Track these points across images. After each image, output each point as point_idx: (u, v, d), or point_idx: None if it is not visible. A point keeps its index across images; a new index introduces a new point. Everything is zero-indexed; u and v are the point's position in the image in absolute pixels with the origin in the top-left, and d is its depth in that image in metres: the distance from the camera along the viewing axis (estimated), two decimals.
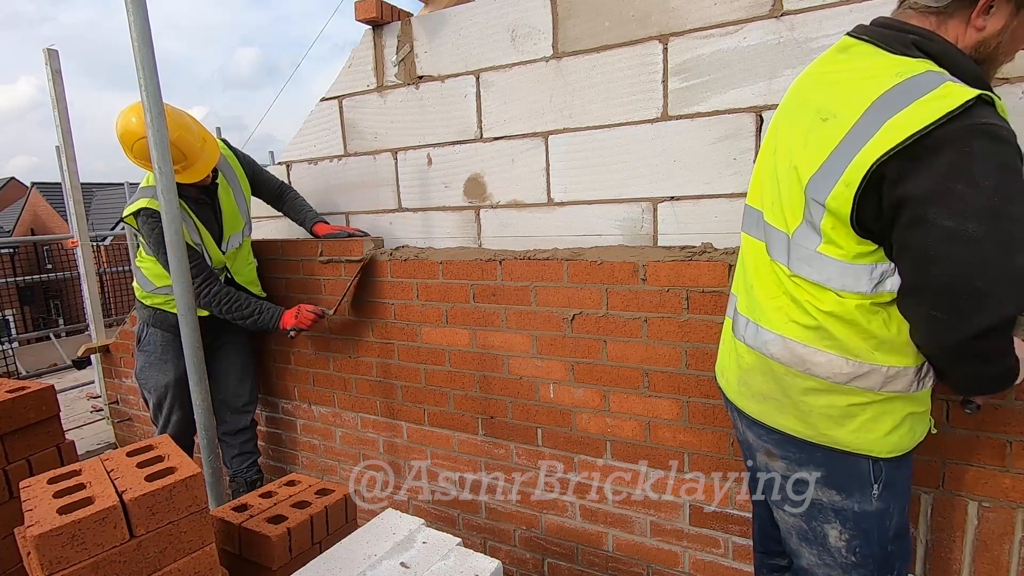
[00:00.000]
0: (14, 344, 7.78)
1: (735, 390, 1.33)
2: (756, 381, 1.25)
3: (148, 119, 1.72)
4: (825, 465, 1.17)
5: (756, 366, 1.24)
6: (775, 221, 1.18)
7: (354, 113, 2.50)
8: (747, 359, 1.27)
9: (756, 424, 1.27)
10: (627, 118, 1.91)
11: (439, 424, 2.40)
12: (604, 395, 1.99)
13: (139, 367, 2.54)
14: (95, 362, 3.98)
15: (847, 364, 1.10)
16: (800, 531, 1.26)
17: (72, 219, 3.89)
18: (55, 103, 3.47)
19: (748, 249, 1.30)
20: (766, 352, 1.20)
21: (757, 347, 1.23)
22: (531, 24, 2.02)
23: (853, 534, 1.18)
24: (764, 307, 1.20)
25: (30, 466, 1.62)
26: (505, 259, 2.10)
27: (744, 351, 1.27)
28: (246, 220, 2.51)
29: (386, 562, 1.35)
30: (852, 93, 1.04)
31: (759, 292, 1.22)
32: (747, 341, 1.26)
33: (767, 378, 1.22)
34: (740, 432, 1.37)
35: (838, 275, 1.07)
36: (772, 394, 1.22)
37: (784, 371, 1.18)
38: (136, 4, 1.64)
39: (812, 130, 1.08)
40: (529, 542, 2.27)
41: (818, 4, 1.59)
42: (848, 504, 1.17)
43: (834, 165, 1.02)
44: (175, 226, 1.81)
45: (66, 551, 1.02)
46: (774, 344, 1.18)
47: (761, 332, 1.21)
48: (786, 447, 1.22)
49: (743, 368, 1.28)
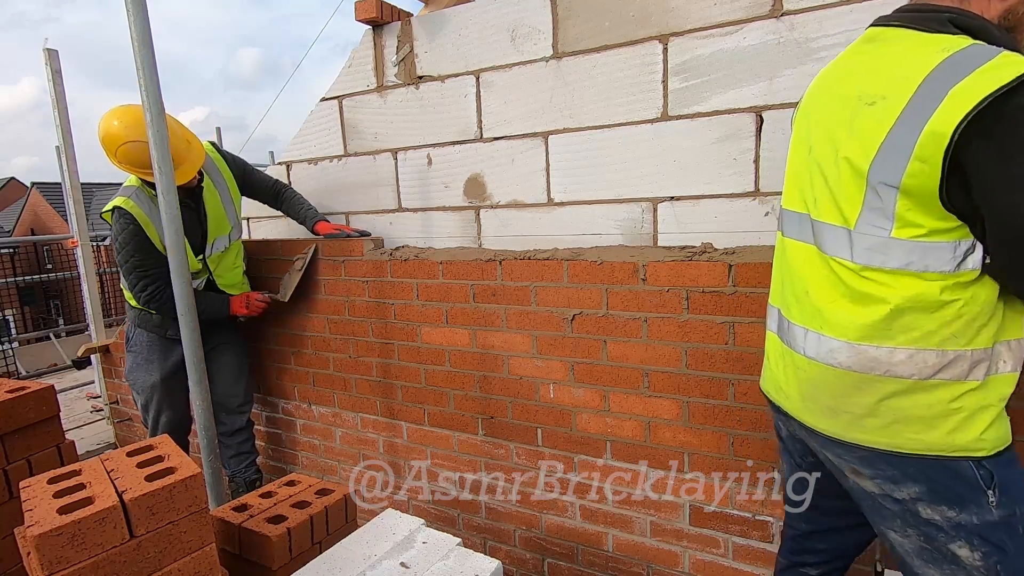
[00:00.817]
0: (14, 344, 7.77)
1: (799, 407, 1.22)
2: (824, 395, 1.14)
3: (148, 119, 1.72)
4: (924, 479, 1.06)
5: (822, 378, 1.14)
6: (827, 217, 1.11)
7: (354, 113, 2.50)
8: (810, 372, 1.17)
9: (833, 443, 1.16)
10: (627, 118, 1.91)
11: (439, 424, 2.40)
12: (604, 395, 1.99)
13: (128, 367, 2.55)
14: (95, 362, 3.98)
15: (932, 355, 1.02)
16: (922, 552, 1.12)
17: (72, 219, 3.89)
18: (55, 103, 3.47)
19: (796, 254, 1.22)
20: (833, 362, 1.11)
21: (821, 358, 1.13)
22: (531, 24, 2.02)
23: (986, 551, 1.04)
24: (825, 313, 1.12)
25: (30, 466, 1.62)
26: (505, 259, 2.10)
27: (805, 364, 1.18)
28: (234, 223, 2.50)
29: (386, 562, 1.35)
30: (897, 72, 1.00)
31: (817, 297, 1.14)
32: (807, 353, 1.16)
33: (837, 390, 1.12)
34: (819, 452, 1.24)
35: (919, 256, 1.00)
36: (845, 407, 1.12)
37: (858, 379, 1.08)
38: (136, 4, 1.64)
39: (857, 117, 1.04)
40: (529, 542, 2.27)
41: (818, 4, 1.59)
42: (966, 518, 1.04)
43: (896, 144, 0.98)
44: (175, 226, 1.81)
45: (66, 551, 1.02)
46: (841, 352, 1.09)
47: (824, 340, 1.12)
48: (874, 464, 1.11)
49: (806, 382, 1.18)
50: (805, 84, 1.63)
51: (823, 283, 1.13)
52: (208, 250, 2.42)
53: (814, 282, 1.15)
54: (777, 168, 1.71)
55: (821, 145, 1.13)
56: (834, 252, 1.10)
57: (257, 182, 2.60)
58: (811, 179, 1.16)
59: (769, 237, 1.75)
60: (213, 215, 2.41)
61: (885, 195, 1.01)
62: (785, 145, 1.69)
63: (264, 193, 2.62)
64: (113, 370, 3.82)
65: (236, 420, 2.63)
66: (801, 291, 1.19)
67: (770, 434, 1.74)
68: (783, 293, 1.27)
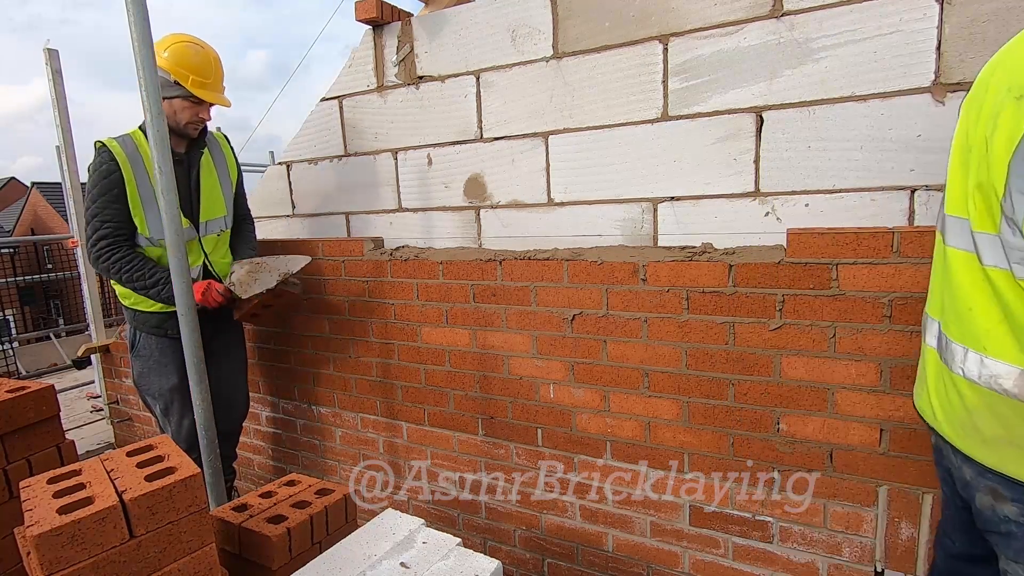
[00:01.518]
0: (14, 344, 7.78)
1: (957, 433, 1.12)
2: (988, 424, 1.04)
3: (148, 119, 1.72)
4: None
5: (986, 405, 1.03)
6: (984, 226, 1.01)
7: (354, 113, 2.50)
8: (972, 398, 1.06)
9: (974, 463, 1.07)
10: (627, 118, 1.91)
11: (439, 424, 2.40)
12: (604, 395, 1.99)
13: (137, 373, 2.42)
14: (95, 362, 3.98)
15: None
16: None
17: (72, 219, 3.89)
18: (55, 103, 3.48)
19: (955, 264, 1.10)
20: (998, 388, 1.00)
21: (984, 382, 1.02)
22: (531, 24, 2.02)
23: None
24: (991, 333, 1.01)
25: (30, 466, 1.62)
26: (505, 259, 2.10)
27: (966, 387, 1.07)
28: (229, 211, 2.42)
29: (386, 562, 1.35)
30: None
31: (980, 315, 1.03)
32: (968, 375, 1.05)
33: (1002, 420, 1.01)
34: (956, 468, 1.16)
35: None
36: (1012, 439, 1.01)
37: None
38: (136, 4, 1.64)
39: (1004, 111, 0.93)
40: (529, 542, 2.27)
41: (818, 4, 1.59)
42: None
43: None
44: (175, 226, 1.81)
45: (66, 551, 1.02)
46: (1008, 378, 0.98)
47: (988, 364, 1.01)
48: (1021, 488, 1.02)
49: (970, 409, 1.07)
50: (805, 84, 1.64)
51: (984, 299, 1.02)
52: (202, 229, 2.32)
53: (977, 298, 1.04)
54: (777, 168, 1.71)
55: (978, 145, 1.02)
56: (991, 262, 1.00)
57: (240, 194, 2.52)
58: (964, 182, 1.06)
59: (769, 238, 1.75)
60: (207, 189, 2.33)
61: (1019, 205, 0.91)
62: (785, 146, 1.69)
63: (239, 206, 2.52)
64: (113, 370, 3.82)
65: (231, 423, 2.55)
66: (964, 307, 1.07)
67: (770, 434, 1.74)
68: (943, 306, 1.14)
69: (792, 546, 1.77)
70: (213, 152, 2.38)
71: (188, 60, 2.12)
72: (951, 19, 1.45)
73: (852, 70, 1.57)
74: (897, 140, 1.55)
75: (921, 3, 1.48)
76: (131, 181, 2.13)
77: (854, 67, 1.57)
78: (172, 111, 2.16)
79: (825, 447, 1.68)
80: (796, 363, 1.68)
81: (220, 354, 2.48)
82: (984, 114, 0.99)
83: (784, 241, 1.68)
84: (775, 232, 1.73)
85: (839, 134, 1.62)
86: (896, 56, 1.52)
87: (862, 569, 1.69)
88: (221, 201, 2.39)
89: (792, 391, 1.69)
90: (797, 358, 1.67)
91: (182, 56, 2.12)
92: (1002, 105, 0.94)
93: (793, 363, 1.68)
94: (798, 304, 1.65)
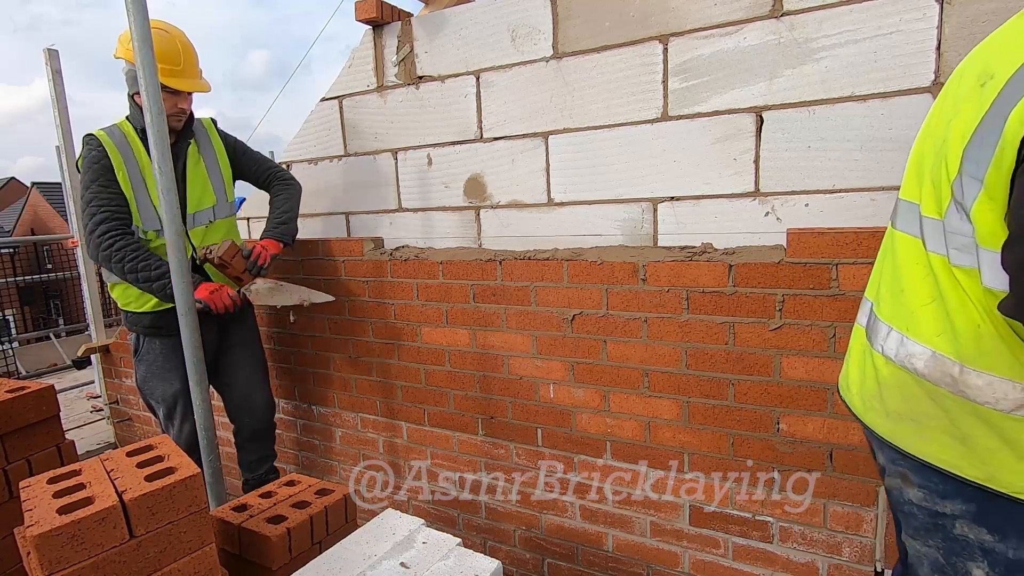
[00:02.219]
0: (14, 344, 7.78)
1: (862, 404, 1.17)
2: (893, 398, 1.08)
3: (148, 119, 1.72)
4: (977, 502, 1.00)
5: (896, 381, 1.07)
6: (929, 211, 1.01)
7: (354, 113, 2.50)
8: (885, 373, 1.10)
9: (888, 446, 1.11)
10: (627, 118, 1.91)
11: (439, 424, 2.40)
12: (604, 395, 1.99)
13: (140, 377, 2.36)
14: (95, 362, 3.98)
15: (1014, 388, 0.92)
16: (935, 563, 1.10)
17: (72, 219, 3.89)
18: (55, 103, 3.48)
19: (901, 247, 1.12)
20: (910, 367, 1.04)
21: (900, 360, 1.06)
22: (531, 24, 2.02)
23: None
24: (916, 314, 1.03)
25: (30, 466, 1.62)
26: (505, 259, 2.10)
27: (882, 363, 1.11)
28: (220, 199, 2.33)
29: (386, 562, 1.35)
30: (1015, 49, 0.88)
31: (911, 296, 1.05)
32: (887, 352, 1.09)
33: (908, 397, 1.06)
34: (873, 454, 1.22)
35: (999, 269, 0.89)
36: (912, 415, 1.05)
37: (935, 391, 1.01)
38: (136, 4, 1.64)
39: (969, 97, 0.93)
40: (529, 542, 2.27)
41: (818, 4, 1.59)
42: (1001, 547, 1.00)
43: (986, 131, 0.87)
44: (175, 227, 1.80)
45: (66, 551, 1.02)
46: (920, 358, 1.02)
47: (907, 343, 1.04)
48: (927, 475, 1.05)
49: (881, 383, 1.12)
50: (805, 84, 1.64)
51: (920, 282, 1.04)
52: (189, 221, 2.23)
53: (912, 280, 1.06)
54: (777, 168, 1.71)
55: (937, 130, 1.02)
56: (934, 248, 1.00)
57: (249, 161, 2.43)
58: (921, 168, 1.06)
59: (769, 238, 1.75)
60: (194, 181, 2.25)
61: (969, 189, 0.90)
62: (785, 146, 1.69)
63: (253, 175, 2.45)
64: (113, 370, 3.82)
65: (258, 423, 2.48)
66: (898, 288, 1.10)
67: (770, 434, 1.74)
68: (879, 287, 1.18)
69: (792, 546, 1.77)
70: (200, 142, 2.31)
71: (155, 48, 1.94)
72: (951, 19, 1.45)
73: (852, 70, 1.57)
74: (897, 140, 1.55)
75: (921, 3, 1.48)
76: (120, 168, 2.09)
77: (854, 67, 1.57)
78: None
79: (825, 447, 1.68)
80: (796, 363, 1.68)
81: (236, 353, 2.45)
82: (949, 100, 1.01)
83: (784, 241, 1.68)
84: (775, 232, 1.73)
85: (839, 134, 1.62)
86: (896, 56, 1.52)
87: (862, 569, 1.69)
88: (210, 191, 2.31)
89: (792, 391, 1.69)
90: (797, 358, 1.67)
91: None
92: (968, 92, 0.94)
93: (793, 363, 1.68)
94: (798, 304, 1.65)
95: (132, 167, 2.13)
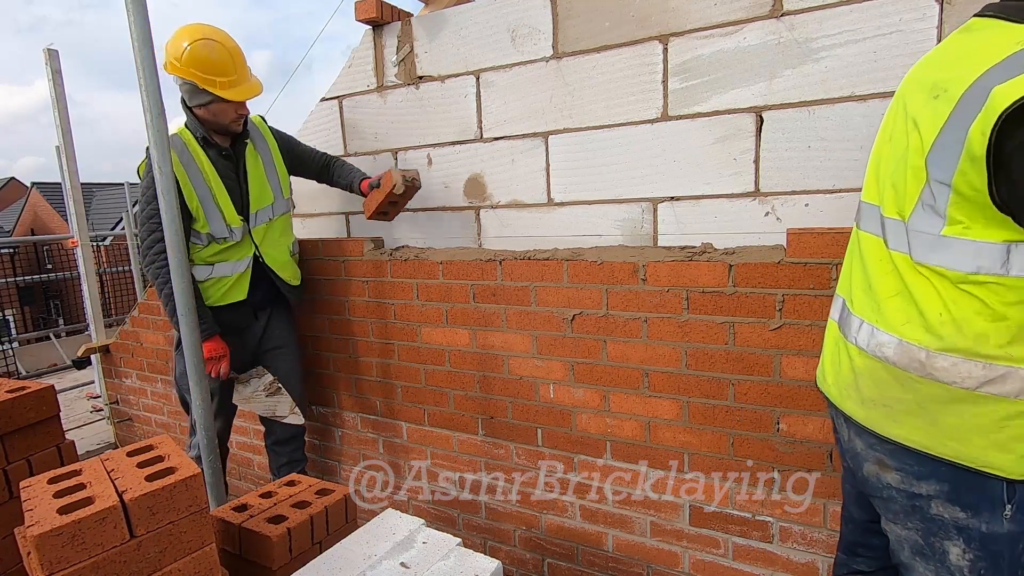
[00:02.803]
0: (14, 344, 7.78)
1: (839, 393, 1.25)
2: (867, 386, 1.16)
3: (148, 119, 1.72)
4: (949, 480, 1.06)
5: (868, 370, 1.15)
6: (890, 211, 1.11)
7: (354, 113, 2.50)
8: (859, 362, 1.18)
9: (866, 432, 1.17)
10: (627, 118, 1.91)
11: (439, 424, 2.40)
12: (604, 395, 1.99)
13: (179, 372, 2.33)
14: (95, 362, 3.98)
15: (976, 367, 0.99)
16: (915, 545, 1.15)
17: (72, 219, 3.89)
18: (55, 103, 3.48)
19: (866, 246, 1.21)
20: (880, 355, 1.12)
21: (871, 350, 1.14)
22: (531, 24, 2.02)
23: (978, 555, 1.07)
24: (883, 306, 1.12)
25: (30, 466, 1.62)
26: (505, 259, 2.10)
27: (856, 354, 1.19)
28: (277, 195, 2.35)
29: (386, 562, 1.35)
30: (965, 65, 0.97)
31: (879, 290, 1.14)
32: (859, 343, 1.18)
33: (879, 383, 1.13)
34: (846, 441, 1.27)
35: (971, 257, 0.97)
36: (884, 400, 1.13)
37: (901, 376, 1.09)
38: (136, 4, 1.64)
39: (924, 109, 1.02)
40: (529, 542, 2.27)
41: (818, 4, 1.59)
42: (974, 523, 1.05)
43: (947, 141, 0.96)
44: (175, 226, 1.81)
45: (66, 551, 1.02)
46: (889, 346, 1.10)
47: (877, 333, 1.13)
48: (902, 458, 1.12)
49: (856, 372, 1.19)
50: (805, 84, 1.64)
51: (886, 277, 1.12)
52: (252, 220, 2.28)
53: (879, 276, 1.15)
54: (777, 168, 1.71)
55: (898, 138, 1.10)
56: (895, 246, 1.10)
57: (304, 154, 2.45)
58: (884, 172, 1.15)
59: (769, 237, 1.75)
60: (255, 180, 2.28)
61: (938, 192, 0.99)
62: (784, 146, 1.69)
63: (313, 167, 2.46)
64: (113, 370, 3.82)
65: (290, 428, 2.49)
66: (867, 283, 1.18)
67: (770, 434, 1.74)
68: (851, 284, 1.25)
69: (792, 546, 1.77)
70: (256, 141, 2.32)
71: (208, 62, 2.02)
72: (951, 19, 1.45)
73: (852, 70, 1.57)
74: None
75: (921, 3, 1.48)
76: (184, 179, 2.10)
77: (854, 67, 1.57)
78: (211, 115, 2.12)
79: (825, 447, 1.68)
80: (796, 363, 1.68)
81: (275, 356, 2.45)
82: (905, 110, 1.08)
83: (784, 241, 1.68)
84: (775, 232, 1.73)
85: (839, 134, 1.62)
86: (896, 56, 1.52)
87: None
88: (268, 189, 2.33)
89: (792, 391, 1.69)
90: (797, 358, 1.67)
91: (201, 59, 2.02)
92: (922, 103, 1.03)
93: (793, 363, 1.68)
94: (798, 304, 1.65)
95: (196, 176, 2.14)
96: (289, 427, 2.48)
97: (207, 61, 2.02)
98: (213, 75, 2.03)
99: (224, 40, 2.07)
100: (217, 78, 2.03)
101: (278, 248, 2.38)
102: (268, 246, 2.34)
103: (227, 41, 2.08)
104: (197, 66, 2.02)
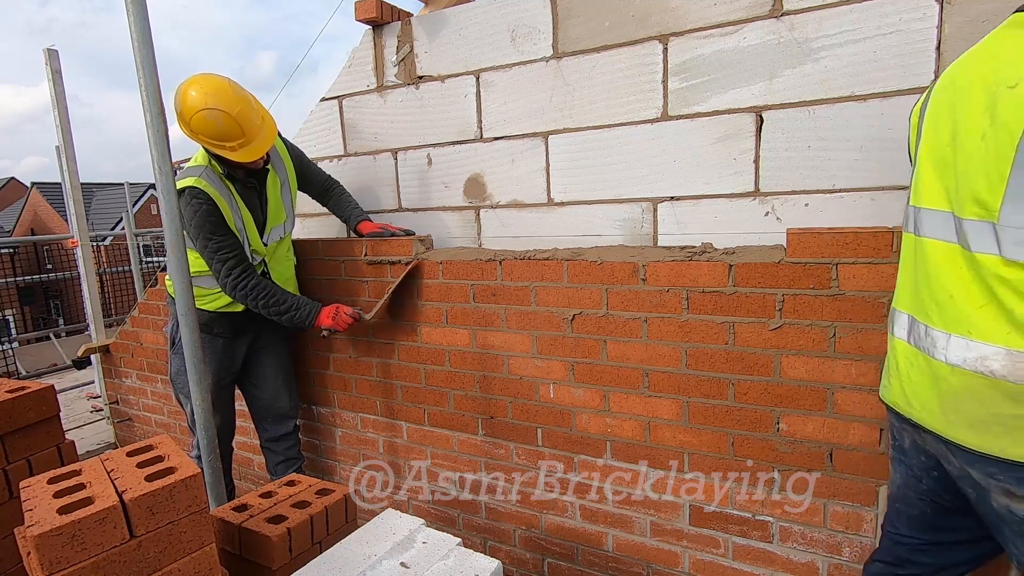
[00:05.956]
0: (14, 344, 7.78)
1: (941, 420, 1.13)
2: (971, 406, 1.06)
3: (148, 119, 1.72)
4: None
5: (969, 388, 1.06)
6: (971, 213, 1.03)
7: (354, 113, 2.50)
8: (954, 381, 1.08)
9: (980, 459, 1.07)
10: (627, 118, 1.91)
11: (439, 424, 2.40)
12: (604, 395, 1.99)
13: (174, 370, 2.41)
14: (95, 362, 3.98)
15: None
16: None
17: (72, 219, 3.89)
18: (55, 103, 3.48)
19: (934, 255, 1.13)
20: (983, 370, 1.02)
21: (970, 366, 1.04)
22: (531, 24, 2.02)
23: None
24: (973, 317, 1.03)
25: (30, 466, 1.62)
26: (505, 259, 2.10)
27: (948, 372, 1.09)
28: (289, 214, 2.39)
29: (386, 562, 1.35)
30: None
31: (963, 301, 1.05)
32: (951, 360, 1.08)
33: (984, 401, 1.04)
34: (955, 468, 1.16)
35: None
36: (999, 420, 1.03)
37: (1015, 390, 1.00)
38: (136, 4, 1.64)
39: (999, 101, 0.97)
40: (529, 542, 2.27)
41: (818, 4, 1.59)
42: None
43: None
44: (175, 226, 1.81)
45: (66, 551, 1.02)
46: (995, 359, 1.01)
47: (974, 346, 1.04)
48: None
49: (950, 392, 1.09)
50: (805, 84, 1.64)
51: (970, 285, 1.05)
52: (265, 239, 2.31)
53: (960, 284, 1.07)
54: (777, 168, 1.71)
55: (967, 136, 1.05)
56: (981, 248, 1.02)
57: (312, 175, 2.47)
58: (956, 173, 1.08)
59: (768, 237, 1.75)
60: (272, 203, 2.32)
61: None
62: (784, 146, 1.69)
63: (316, 187, 2.49)
64: (113, 370, 3.82)
65: (283, 425, 2.55)
66: (944, 295, 1.10)
67: (770, 434, 1.74)
68: (918, 297, 1.17)
69: (792, 546, 1.77)
70: (275, 163, 2.33)
71: (215, 131, 2.02)
72: (951, 19, 1.45)
73: (852, 70, 1.57)
74: (897, 140, 1.55)
75: (921, 3, 1.48)
76: (226, 210, 2.15)
77: (854, 67, 1.57)
78: (229, 165, 2.15)
79: (825, 447, 1.68)
80: (796, 363, 1.68)
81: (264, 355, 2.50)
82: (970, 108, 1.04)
83: (784, 241, 1.68)
84: (775, 232, 1.73)
85: (839, 134, 1.62)
86: (896, 56, 1.52)
87: (862, 569, 1.69)
88: (283, 209, 2.37)
89: (792, 391, 1.69)
90: (797, 358, 1.67)
91: (207, 128, 2.02)
92: (995, 97, 0.98)
93: (793, 363, 1.68)
94: (798, 304, 1.65)
95: (233, 207, 2.18)
96: (279, 426, 2.54)
97: (214, 131, 2.03)
98: (221, 141, 2.04)
99: (228, 105, 2.01)
100: (226, 143, 2.05)
101: (284, 264, 2.45)
102: (276, 262, 2.40)
103: (231, 106, 2.01)
104: (205, 134, 2.04)
